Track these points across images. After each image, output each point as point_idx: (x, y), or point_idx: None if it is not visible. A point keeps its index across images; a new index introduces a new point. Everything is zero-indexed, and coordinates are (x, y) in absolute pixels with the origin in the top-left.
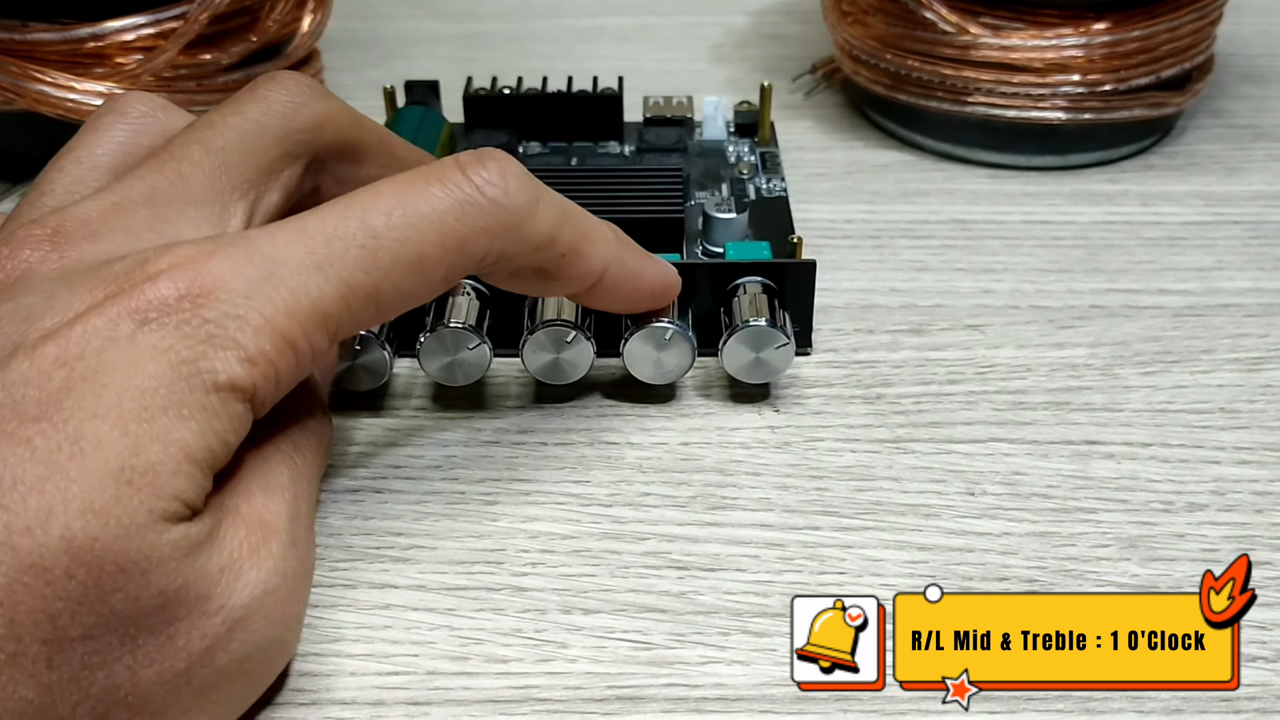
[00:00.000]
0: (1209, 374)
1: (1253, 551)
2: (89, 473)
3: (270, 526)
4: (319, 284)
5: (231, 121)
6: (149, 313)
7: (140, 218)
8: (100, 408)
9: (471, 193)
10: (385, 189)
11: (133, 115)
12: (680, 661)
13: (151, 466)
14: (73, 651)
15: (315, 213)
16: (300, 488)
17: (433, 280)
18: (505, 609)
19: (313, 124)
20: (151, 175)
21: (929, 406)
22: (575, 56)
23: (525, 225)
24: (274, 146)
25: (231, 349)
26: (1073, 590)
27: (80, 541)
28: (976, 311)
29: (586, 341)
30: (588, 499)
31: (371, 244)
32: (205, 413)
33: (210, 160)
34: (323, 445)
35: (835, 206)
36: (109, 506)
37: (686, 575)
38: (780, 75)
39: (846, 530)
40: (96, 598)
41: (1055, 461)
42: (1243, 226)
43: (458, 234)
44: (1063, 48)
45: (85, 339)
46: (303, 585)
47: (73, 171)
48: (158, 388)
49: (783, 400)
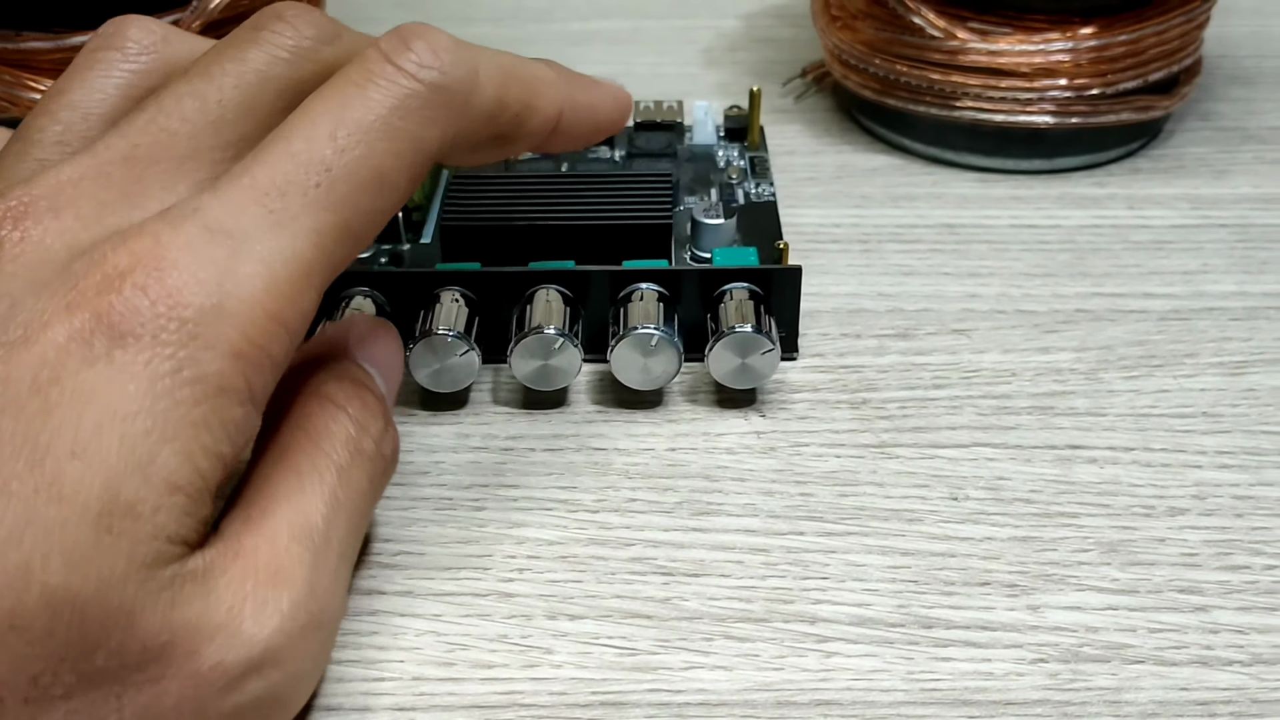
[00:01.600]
0: (1192, 378)
1: (1231, 556)
2: (66, 521)
3: (285, 576)
4: (289, 243)
5: (230, 69)
6: (122, 326)
7: (115, 181)
8: (78, 443)
9: (408, 83)
10: (320, 108)
11: (133, 51)
12: (664, 667)
13: (131, 507)
14: (55, 710)
15: (258, 159)
16: (337, 528)
17: (397, 189)
18: (492, 615)
19: (321, 72)
20: (135, 132)
21: (914, 411)
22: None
23: (472, 100)
24: (275, 99)
25: (215, 347)
26: (1053, 594)
27: (60, 597)
28: (963, 316)
29: (574, 348)
30: (574, 505)
31: (326, 179)
32: (192, 429)
33: (203, 115)
34: (376, 472)
35: (824, 211)
36: (88, 558)
37: (671, 581)
38: (771, 79)
39: (830, 535)
40: (79, 655)
41: (1038, 466)
42: (1229, 230)
43: (408, 133)
44: (1050, 52)
45: (60, 361)
46: (314, 641)
47: (64, 118)
48: (139, 411)
49: (769, 405)
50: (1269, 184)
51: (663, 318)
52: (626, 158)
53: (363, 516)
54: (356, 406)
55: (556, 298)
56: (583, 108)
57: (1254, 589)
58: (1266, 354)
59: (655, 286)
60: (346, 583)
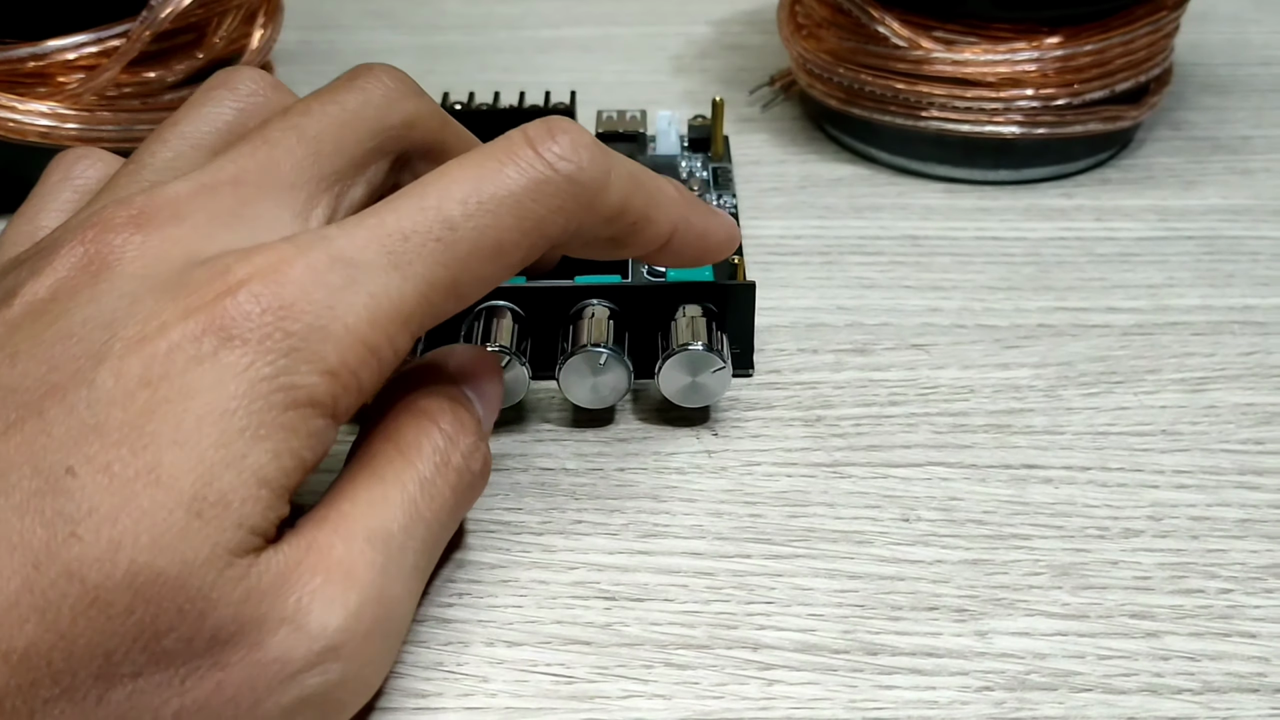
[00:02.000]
0: (1153, 394)
1: (1185, 579)
2: (161, 504)
3: (355, 577)
4: (399, 285)
5: (329, 110)
6: (232, 329)
7: (225, 201)
8: (180, 434)
9: (545, 170)
10: (458, 174)
11: (243, 92)
12: (601, 695)
13: (223, 496)
14: (122, 689)
15: (389, 206)
16: (414, 537)
17: (511, 263)
18: (428, 641)
19: (406, 120)
20: (243, 158)
21: (868, 429)
22: (535, 68)
23: (599, 199)
24: (367, 140)
25: (313, 362)
26: (1002, 619)
27: (145, 576)
28: (922, 330)
29: (521, 366)
30: (519, 527)
31: (449, 236)
32: (284, 431)
33: (303, 148)
34: (463, 486)
35: (786, 222)
36: (176, 541)
37: (614, 606)
38: (739, 87)
39: (777, 558)
40: (151, 636)
41: (993, 486)
42: (1196, 242)
43: (535, 215)
44: (1016, 62)
45: (169, 358)
46: (378, 647)
47: (176, 146)
48: (237, 409)
49: (722, 423)
50: (1238, 195)
51: (613, 335)
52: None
53: (444, 530)
54: (448, 420)
55: (507, 315)
56: (696, 231)
57: (1207, 614)
58: (1229, 369)
59: (607, 303)
60: (417, 594)
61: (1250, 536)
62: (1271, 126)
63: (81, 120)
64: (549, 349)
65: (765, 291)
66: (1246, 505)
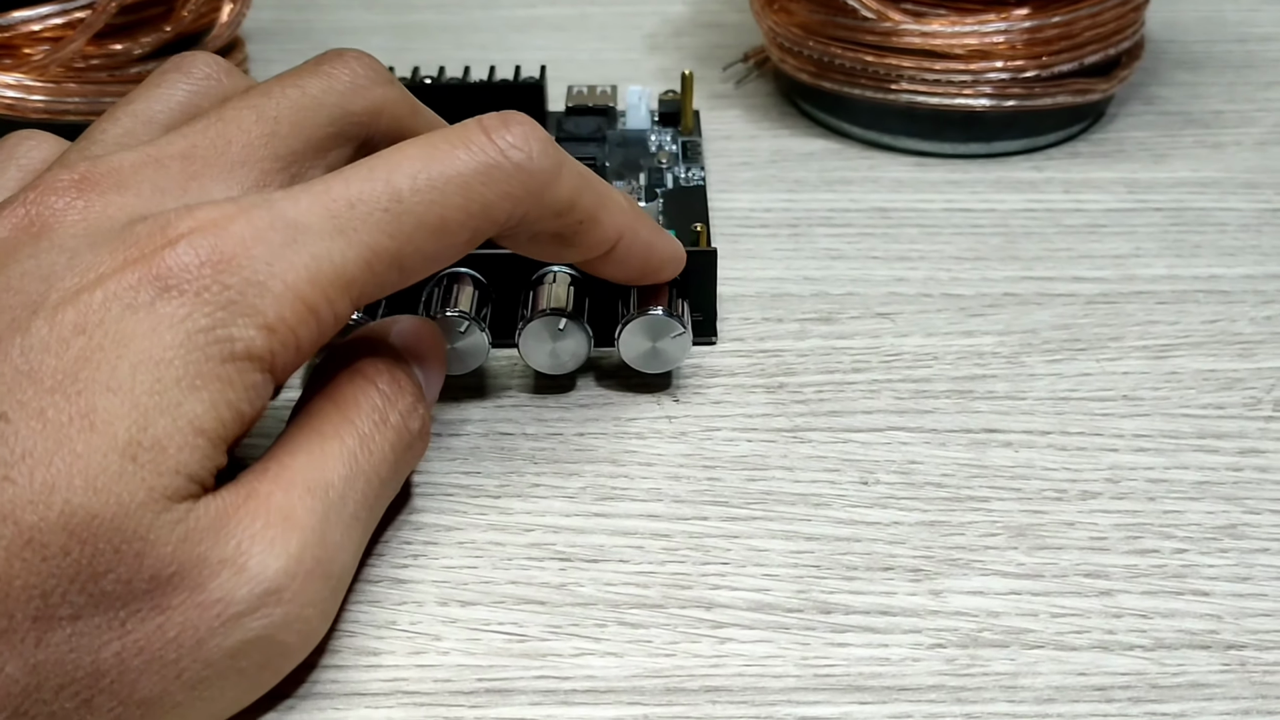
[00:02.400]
0: (1116, 361)
1: (1140, 540)
2: (95, 448)
3: (295, 522)
4: (342, 249)
5: (289, 93)
6: (169, 279)
7: (173, 174)
8: (114, 380)
9: (496, 156)
10: (410, 151)
11: (197, 76)
12: (553, 654)
13: (157, 441)
14: (61, 631)
15: (339, 175)
16: (354, 488)
17: (456, 243)
18: (382, 601)
19: (371, 108)
20: (195, 134)
21: (830, 395)
22: (510, 46)
23: (547, 190)
24: (327, 124)
25: (250, 316)
26: (957, 578)
27: (80, 518)
28: (888, 300)
29: (481, 332)
30: (476, 490)
31: (395, 208)
32: (219, 383)
33: (259, 128)
34: (401, 445)
35: (756, 195)
36: (111, 483)
37: (568, 567)
38: (714, 64)
39: (734, 520)
40: (89, 577)
41: (952, 450)
42: (1164, 214)
43: (482, 198)
44: (985, 34)
45: (105, 306)
46: (319, 589)
47: (125, 124)
48: (173, 359)
49: (683, 390)
50: (1207, 168)
51: (573, 301)
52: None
53: (384, 485)
54: (385, 381)
55: (468, 282)
56: (642, 243)
57: (1161, 573)
58: (1192, 337)
59: (568, 270)
60: (359, 546)
61: (1207, 498)
62: (1244, 101)
63: (48, 92)
64: (510, 316)
65: (732, 263)
66: (1204, 468)
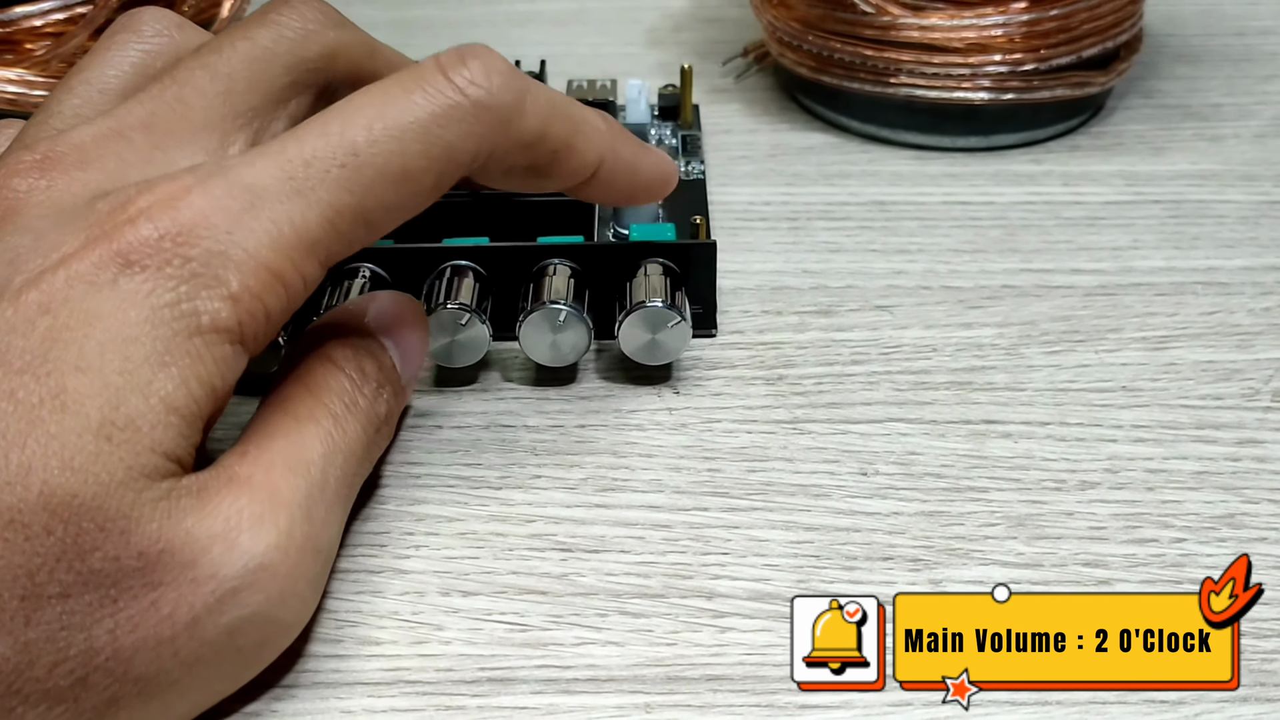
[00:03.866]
0: (1114, 353)
1: (1139, 529)
2: (69, 428)
3: (281, 499)
4: (301, 210)
5: (240, 46)
6: (130, 255)
7: (136, 145)
8: (83, 360)
9: (454, 96)
10: (363, 101)
11: (147, 34)
12: (555, 643)
13: (131, 421)
14: (51, 610)
15: (292, 134)
16: (334, 465)
17: (421, 191)
18: (384, 591)
19: (326, 53)
20: (152, 100)
21: (830, 387)
22: (509, 42)
23: (513, 124)
24: (283, 75)
25: (215, 287)
26: (956, 568)
27: (59, 498)
28: (887, 292)
29: (481, 324)
30: (478, 482)
31: (353, 161)
32: (189, 358)
33: (214, 86)
34: (373, 423)
35: (755, 189)
36: (88, 463)
37: (569, 557)
38: (714, 59)
39: (734, 511)
40: (75, 555)
41: (952, 441)
42: (1162, 206)
43: (443, 141)
44: (983, 27)
45: (69, 285)
46: (311, 564)
47: (82, 93)
48: (139, 336)
49: (684, 382)
50: (1206, 160)
51: (573, 293)
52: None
53: (359, 464)
54: (353, 366)
55: (469, 274)
56: (624, 163)
57: (1159, 562)
58: (1190, 328)
59: (568, 262)
60: (341, 525)
61: (1205, 488)
62: (1243, 94)
63: (49, 87)
64: (511, 308)
65: (731, 256)
66: (1203, 458)
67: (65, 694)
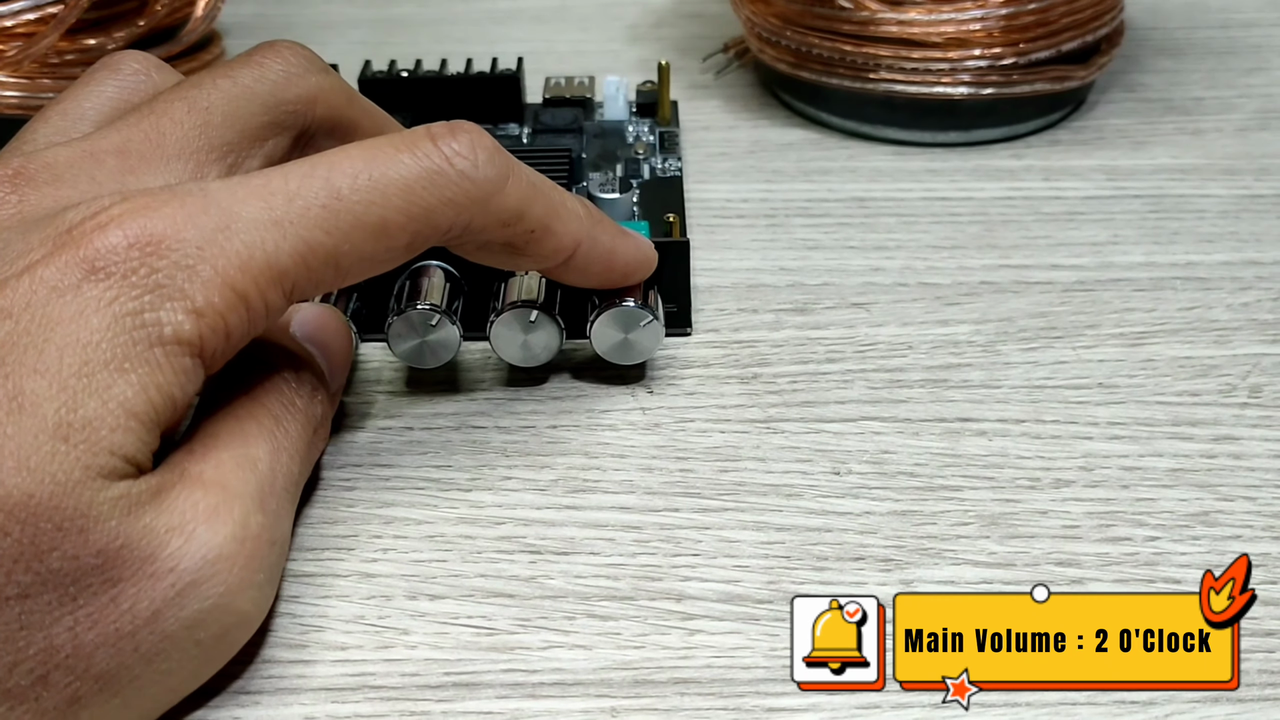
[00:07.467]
0: (1091, 349)
1: (1113, 528)
2: (25, 430)
3: (234, 492)
4: (276, 240)
5: (220, 84)
6: (96, 262)
7: (108, 167)
8: (41, 363)
9: (440, 163)
10: (353, 151)
11: (126, 72)
12: (521, 647)
13: (89, 422)
14: (9, 610)
15: (278, 170)
16: (280, 463)
17: (395, 247)
18: (350, 595)
19: (305, 97)
20: (128, 128)
21: (804, 386)
22: (490, 39)
23: (493, 200)
24: (261, 114)
25: (179, 300)
26: (928, 568)
27: (15, 498)
28: (864, 290)
29: (452, 325)
30: (447, 484)
31: (334, 204)
32: (149, 366)
33: (191, 119)
34: (310, 424)
35: (733, 186)
36: (44, 463)
37: (539, 560)
38: (695, 55)
39: (706, 512)
40: (33, 555)
41: (926, 439)
42: (1143, 200)
43: (423, 203)
44: (961, 21)
45: (32, 290)
46: (267, 555)
47: (57, 123)
48: (100, 341)
49: (657, 381)
50: (1187, 155)
51: (544, 293)
52: (533, 134)
53: (303, 462)
54: (287, 370)
55: (439, 274)
56: (602, 250)
57: (1133, 560)
58: (1169, 324)
59: None
60: (290, 520)
61: (1180, 485)
62: (1225, 88)
63: (21, 88)
64: (482, 309)
65: (708, 253)
66: (1179, 455)
67: (26, 693)
